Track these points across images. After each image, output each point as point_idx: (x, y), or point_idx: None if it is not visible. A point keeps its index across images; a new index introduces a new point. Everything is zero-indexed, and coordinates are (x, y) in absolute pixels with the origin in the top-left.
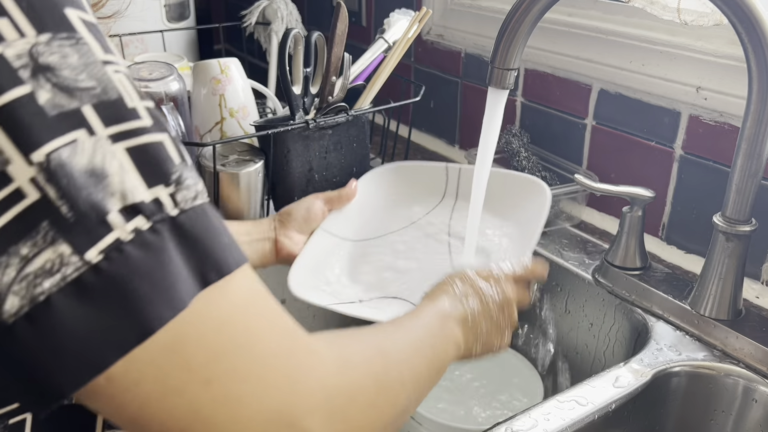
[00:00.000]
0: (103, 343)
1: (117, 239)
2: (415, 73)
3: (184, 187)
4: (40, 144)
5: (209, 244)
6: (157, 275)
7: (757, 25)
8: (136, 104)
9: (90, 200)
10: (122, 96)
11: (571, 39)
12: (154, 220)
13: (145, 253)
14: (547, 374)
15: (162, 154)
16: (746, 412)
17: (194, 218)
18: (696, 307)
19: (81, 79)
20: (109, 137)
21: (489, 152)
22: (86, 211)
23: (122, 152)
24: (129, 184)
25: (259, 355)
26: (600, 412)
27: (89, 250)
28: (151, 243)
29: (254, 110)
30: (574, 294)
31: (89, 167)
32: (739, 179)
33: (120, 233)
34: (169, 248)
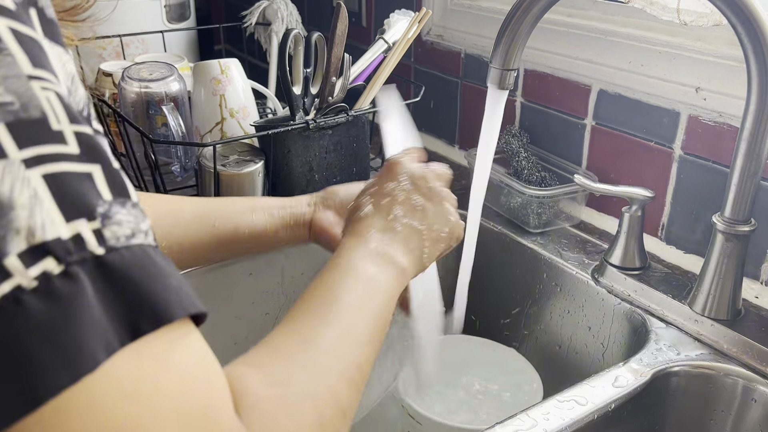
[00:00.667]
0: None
1: (16, 287)
2: (415, 74)
3: (113, 222)
4: None
5: (146, 287)
6: (62, 333)
7: (757, 25)
8: (63, 127)
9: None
10: (47, 116)
11: (571, 39)
12: (69, 261)
13: (49, 304)
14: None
15: (86, 186)
16: (745, 412)
17: (128, 258)
18: (695, 307)
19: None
20: (23, 161)
21: (489, 152)
22: None
23: (38, 179)
24: (40, 218)
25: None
26: (599, 411)
27: None
28: (60, 291)
29: (254, 111)
30: (574, 294)
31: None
32: (738, 179)
33: (19, 280)
34: (85, 296)
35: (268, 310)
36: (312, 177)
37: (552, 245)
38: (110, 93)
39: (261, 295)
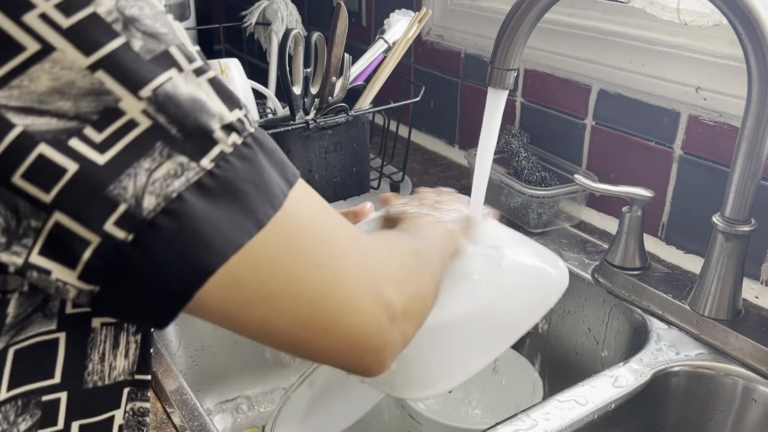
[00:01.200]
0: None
1: (222, 151)
2: (415, 74)
3: (248, 110)
4: (145, 83)
5: (279, 154)
6: (258, 180)
7: (757, 25)
8: (192, 49)
9: (196, 122)
10: (184, 41)
11: (571, 39)
12: (244, 135)
13: (244, 162)
14: (547, 374)
15: (226, 85)
16: (745, 412)
17: (263, 134)
18: (695, 307)
19: (159, 26)
20: (193, 71)
21: (489, 152)
22: (194, 130)
23: (206, 83)
24: (220, 108)
25: (344, 238)
26: (599, 411)
27: (203, 159)
28: (247, 154)
29: (254, 111)
30: (574, 294)
31: (189, 97)
32: (738, 179)
33: (223, 146)
34: (260, 157)
35: None
36: (312, 177)
37: (552, 245)
38: None
39: None
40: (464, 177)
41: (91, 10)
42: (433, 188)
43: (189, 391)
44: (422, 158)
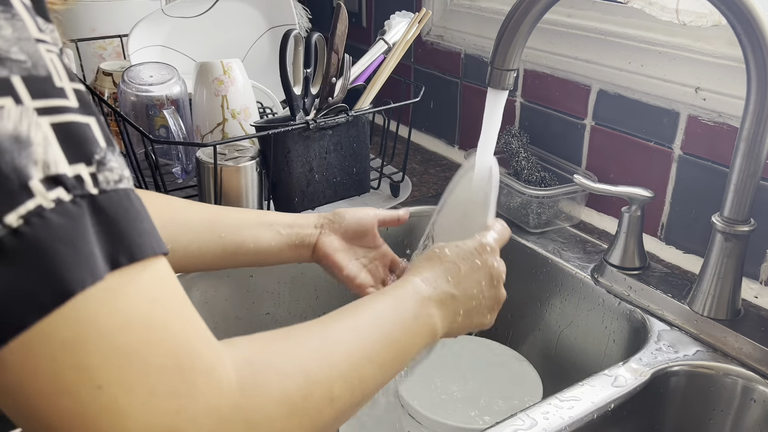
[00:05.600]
0: (24, 302)
1: (39, 205)
2: (415, 74)
3: (106, 168)
4: None
5: (125, 227)
6: (79, 243)
7: (756, 25)
8: (64, 84)
9: (13, 164)
10: (51, 74)
11: (570, 40)
12: (75, 194)
13: (66, 220)
14: (547, 373)
15: (87, 134)
16: (745, 412)
17: (114, 200)
18: (695, 307)
19: (13, 51)
20: (35, 109)
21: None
22: (8, 174)
23: (47, 126)
24: (52, 155)
25: (153, 367)
26: (599, 411)
27: (9, 214)
28: (72, 213)
29: (255, 111)
30: (573, 294)
31: (14, 133)
32: (737, 179)
33: (42, 200)
34: (85, 222)
35: (268, 310)
36: (312, 177)
37: (552, 245)
38: (110, 92)
39: (261, 295)
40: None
41: None
42: None
43: None
44: (422, 158)
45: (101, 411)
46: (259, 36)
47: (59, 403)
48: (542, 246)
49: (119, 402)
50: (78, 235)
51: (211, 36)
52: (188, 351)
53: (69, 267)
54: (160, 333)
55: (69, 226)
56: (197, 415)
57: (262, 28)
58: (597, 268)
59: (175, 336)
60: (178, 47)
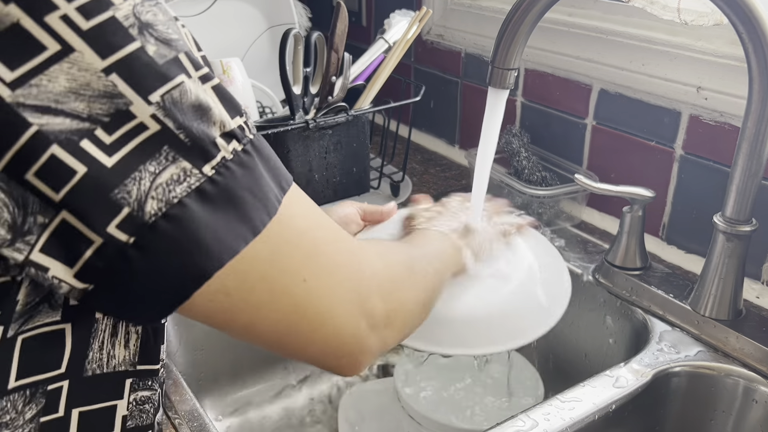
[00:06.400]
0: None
1: (223, 158)
2: (415, 73)
3: (248, 116)
4: (156, 88)
5: (275, 160)
6: (255, 187)
7: (758, 24)
8: (198, 55)
9: (200, 128)
10: (192, 47)
11: (571, 39)
12: (243, 142)
13: (243, 169)
14: (547, 374)
15: (228, 92)
16: (746, 412)
17: (261, 139)
18: (696, 307)
19: (171, 33)
20: (199, 78)
21: (489, 152)
22: (199, 137)
23: (210, 90)
24: (223, 115)
25: (332, 252)
26: (600, 412)
27: (205, 166)
28: (246, 161)
29: (255, 111)
30: (574, 294)
31: (196, 103)
32: (739, 179)
33: (225, 153)
34: (257, 164)
35: None
36: (312, 177)
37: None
38: None
39: None
40: (464, 177)
41: (110, 13)
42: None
43: (189, 392)
44: (422, 158)
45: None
46: (259, 35)
47: (277, 304)
48: None
49: (320, 284)
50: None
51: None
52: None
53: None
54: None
55: (246, 173)
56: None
57: (262, 27)
58: (598, 268)
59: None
60: None
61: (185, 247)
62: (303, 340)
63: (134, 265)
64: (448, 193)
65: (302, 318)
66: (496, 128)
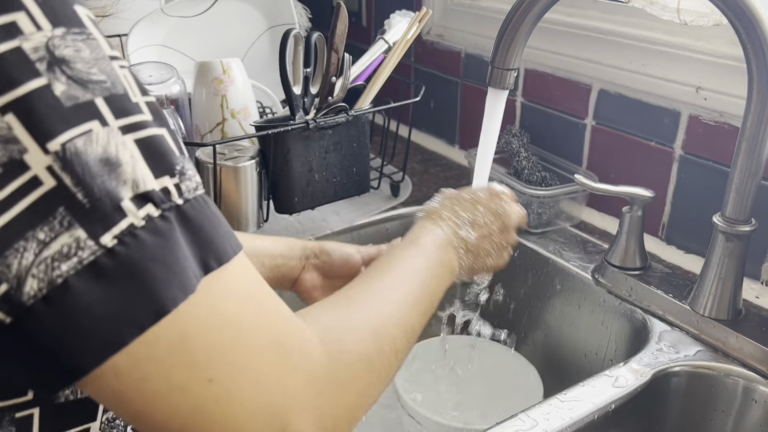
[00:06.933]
0: (122, 322)
1: (131, 224)
2: (415, 73)
3: (186, 177)
4: (56, 134)
5: (210, 232)
6: (170, 259)
7: (757, 24)
8: (138, 99)
9: (104, 187)
10: (127, 91)
11: (571, 39)
12: (163, 208)
13: (157, 238)
14: (547, 374)
15: (165, 146)
16: (746, 412)
17: (197, 207)
18: (696, 307)
19: (93, 73)
20: (119, 128)
21: (489, 152)
22: (101, 198)
23: (132, 143)
24: (140, 173)
25: (255, 351)
26: (600, 412)
27: (104, 235)
28: (162, 229)
29: (255, 111)
30: (574, 294)
31: (103, 156)
32: (738, 179)
33: (133, 219)
34: (177, 235)
35: None
36: (312, 177)
37: (552, 245)
38: None
39: None
40: (464, 177)
41: (16, 43)
42: None
43: None
44: (422, 158)
45: (214, 402)
46: (259, 35)
47: (173, 400)
48: (543, 246)
49: (230, 390)
50: (169, 251)
51: (211, 35)
52: (281, 332)
53: (163, 285)
54: (255, 321)
55: (160, 243)
56: (299, 388)
57: (262, 28)
58: (598, 268)
59: (268, 322)
60: (177, 47)
61: (63, 337)
62: None
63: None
64: None
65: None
66: (495, 128)
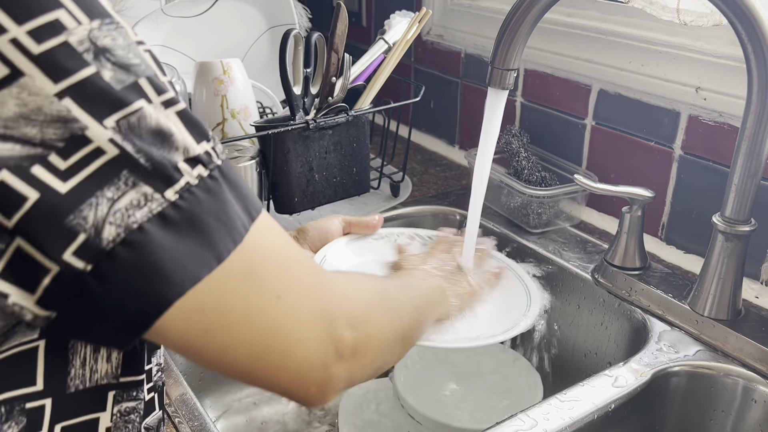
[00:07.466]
0: (191, 261)
1: (187, 182)
2: (415, 74)
3: (216, 142)
4: (112, 112)
5: (244, 187)
6: (220, 213)
7: (757, 25)
8: (163, 79)
9: (161, 153)
10: (156, 71)
11: (571, 39)
12: (210, 168)
13: (208, 194)
14: (547, 374)
15: (194, 117)
16: (745, 412)
17: (230, 166)
18: (695, 307)
19: (131, 57)
20: (161, 104)
21: (489, 152)
22: (161, 161)
23: (174, 116)
24: (188, 140)
25: (304, 272)
26: (599, 411)
27: (167, 191)
28: (212, 187)
29: (255, 111)
30: (574, 294)
31: (156, 128)
32: (738, 179)
33: (189, 178)
34: (224, 190)
35: None
36: (312, 177)
37: (552, 245)
38: None
39: None
40: (464, 177)
41: (63, 38)
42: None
43: (190, 392)
44: (422, 158)
45: (284, 315)
46: (259, 36)
47: (253, 322)
48: (542, 246)
49: (294, 302)
50: (220, 205)
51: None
52: (321, 274)
53: (218, 235)
54: (296, 251)
55: (212, 199)
56: (338, 299)
57: (262, 28)
58: (597, 268)
59: (303, 253)
60: (177, 47)
61: (145, 275)
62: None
63: (94, 293)
64: (439, 227)
65: (276, 340)
66: (495, 128)
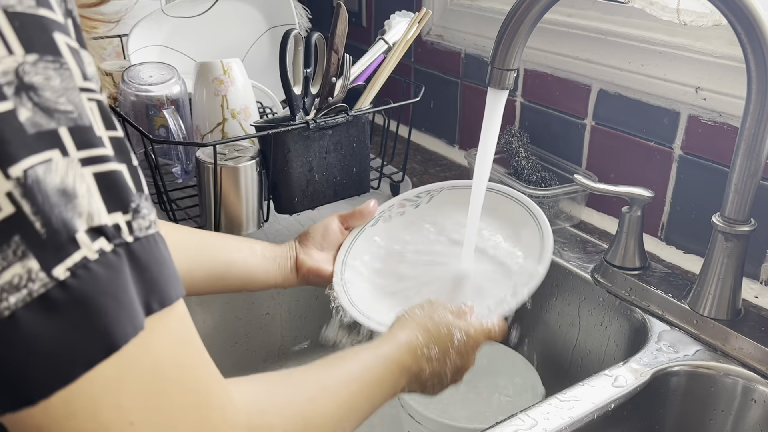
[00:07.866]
0: (71, 356)
1: (84, 257)
2: (415, 74)
3: (140, 216)
4: (18, 159)
5: (156, 273)
6: (121, 294)
7: (756, 25)
8: (102, 133)
9: (62, 218)
10: (92, 123)
11: (571, 39)
12: (114, 243)
13: (109, 272)
14: (547, 374)
15: (123, 182)
16: (745, 412)
17: (145, 247)
18: (695, 307)
19: (60, 102)
20: (80, 160)
21: (489, 152)
22: (58, 228)
23: (90, 176)
24: (95, 206)
25: (178, 405)
26: (599, 411)
27: (57, 267)
28: (114, 264)
29: (255, 111)
30: (574, 294)
31: (62, 186)
32: (738, 179)
33: (87, 252)
34: (126, 272)
35: (268, 311)
36: (312, 177)
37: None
38: (109, 93)
39: (260, 295)
40: (464, 177)
41: None
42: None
43: None
44: (422, 158)
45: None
46: (259, 36)
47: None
48: None
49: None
50: (120, 286)
51: (211, 36)
52: (206, 390)
53: (114, 320)
54: (185, 373)
55: (111, 277)
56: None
57: (262, 28)
58: (597, 268)
59: (197, 376)
60: (177, 47)
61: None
62: None
63: None
64: None
65: None
66: (495, 128)
